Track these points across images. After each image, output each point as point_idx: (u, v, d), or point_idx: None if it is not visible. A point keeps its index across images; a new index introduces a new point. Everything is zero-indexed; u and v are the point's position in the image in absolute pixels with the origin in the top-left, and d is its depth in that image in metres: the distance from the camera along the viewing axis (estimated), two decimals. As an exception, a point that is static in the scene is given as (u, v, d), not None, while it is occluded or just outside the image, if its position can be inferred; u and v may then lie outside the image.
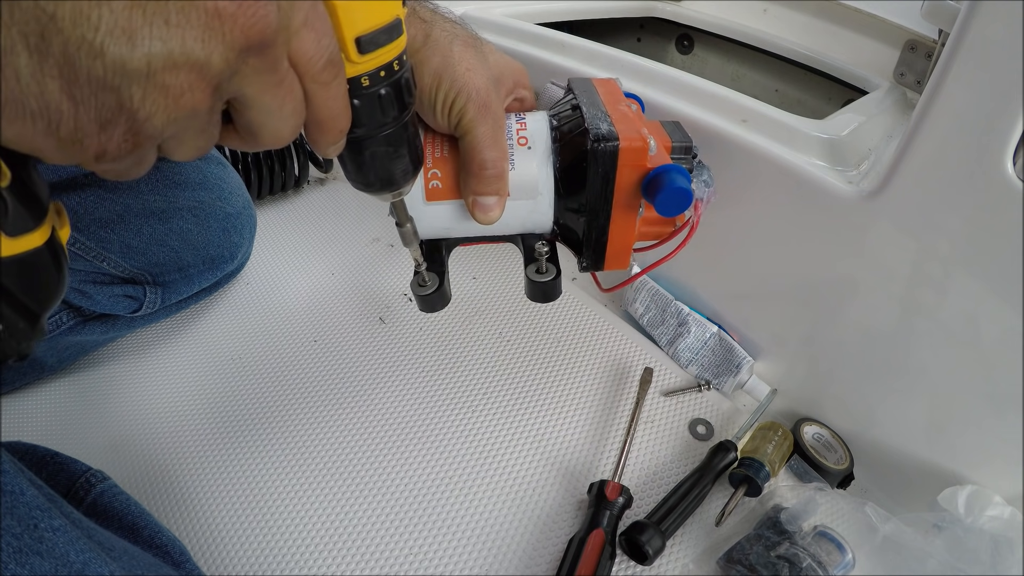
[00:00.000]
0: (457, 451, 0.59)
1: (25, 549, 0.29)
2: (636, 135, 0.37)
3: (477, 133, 0.36)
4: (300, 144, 0.91)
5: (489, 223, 0.39)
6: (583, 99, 0.40)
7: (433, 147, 0.39)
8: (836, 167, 0.54)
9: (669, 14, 1.01)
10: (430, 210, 0.40)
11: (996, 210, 0.43)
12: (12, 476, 0.30)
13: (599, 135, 0.36)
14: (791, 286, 0.60)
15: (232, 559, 0.51)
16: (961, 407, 0.51)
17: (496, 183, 0.37)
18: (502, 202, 0.38)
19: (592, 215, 0.39)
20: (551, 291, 0.42)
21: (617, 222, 0.40)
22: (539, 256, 0.41)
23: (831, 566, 0.48)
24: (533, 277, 0.42)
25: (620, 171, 0.37)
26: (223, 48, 0.20)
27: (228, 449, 0.59)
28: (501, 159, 0.37)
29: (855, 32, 0.84)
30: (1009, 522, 0.48)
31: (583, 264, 0.43)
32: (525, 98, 0.44)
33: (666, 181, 0.36)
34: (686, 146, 0.41)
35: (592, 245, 0.41)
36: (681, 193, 0.36)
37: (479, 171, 0.37)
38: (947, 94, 0.43)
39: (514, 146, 0.39)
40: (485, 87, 0.36)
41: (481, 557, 0.52)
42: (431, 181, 0.39)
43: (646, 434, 0.61)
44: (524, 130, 0.40)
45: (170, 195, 0.61)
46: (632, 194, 0.38)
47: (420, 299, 0.42)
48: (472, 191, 0.38)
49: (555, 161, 0.40)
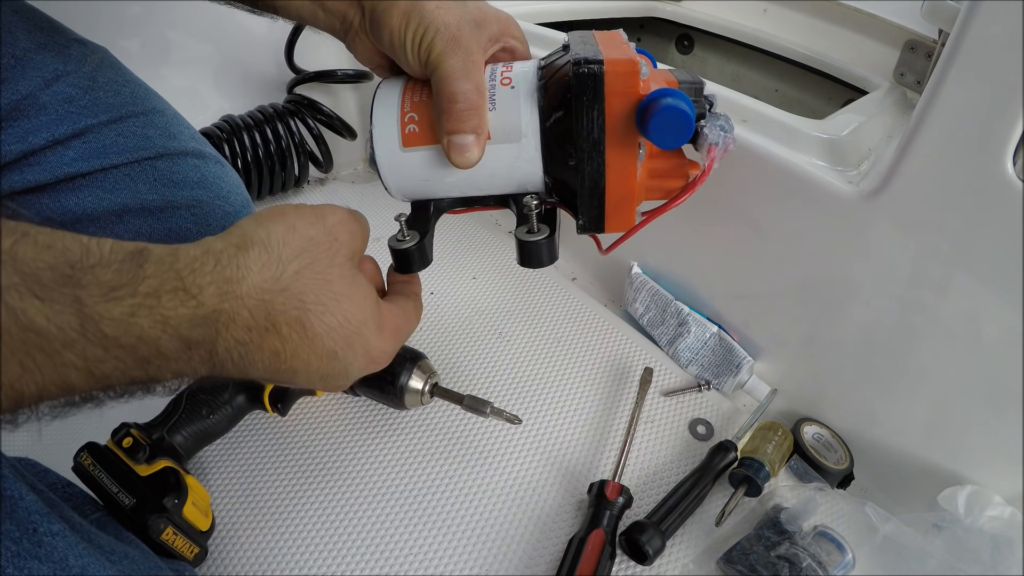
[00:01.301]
0: (457, 451, 0.59)
1: (24, 553, 0.29)
2: (624, 57, 0.33)
3: (446, 66, 0.35)
4: (300, 144, 0.91)
5: (466, 166, 0.36)
6: (575, 40, 0.37)
7: (412, 92, 0.37)
8: (836, 167, 0.54)
9: (669, 14, 1.01)
10: (407, 157, 0.37)
11: (996, 210, 0.43)
12: (11, 481, 0.30)
13: (581, 59, 0.33)
14: (791, 286, 0.60)
15: (232, 559, 0.51)
16: (961, 407, 0.51)
17: (470, 118, 0.35)
18: (480, 142, 0.35)
19: (584, 158, 0.35)
20: (541, 253, 0.37)
21: (614, 165, 0.35)
22: (529, 212, 0.37)
23: (831, 566, 0.48)
24: (523, 237, 0.37)
25: (609, 99, 0.33)
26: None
27: (228, 449, 0.59)
28: (473, 92, 0.35)
29: (855, 32, 0.84)
30: (1009, 522, 0.48)
31: (581, 223, 0.38)
32: (516, 49, 0.42)
33: (660, 104, 0.32)
34: (696, 87, 0.37)
35: (588, 197, 0.36)
36: (678, 115, 0.31)
37: (449, 105, 0.34)
38: (947, 94, 0.43)
39: (496, 86, 0.36)
40: (455, 22, 0.35)
41: (481, 557, 0.52)
42: (407, 125, 0.37)
43: (646, 434, 0.61)
44: (509, 72, 0.37)
45: (168, 194, 0.61)
46: (626, 128, 0.34)
47: (394, 254, 0.39)
48: (445, 130, 0.35)
49: (540, 100, 0.36)
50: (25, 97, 0.50)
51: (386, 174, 0.39)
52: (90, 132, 0.56)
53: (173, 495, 0.46)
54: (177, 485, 0.47)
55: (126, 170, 0.58)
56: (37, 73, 0.51)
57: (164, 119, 0.62)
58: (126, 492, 0.45)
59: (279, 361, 0.30)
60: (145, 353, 0.26)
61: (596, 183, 0.36)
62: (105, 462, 0.46)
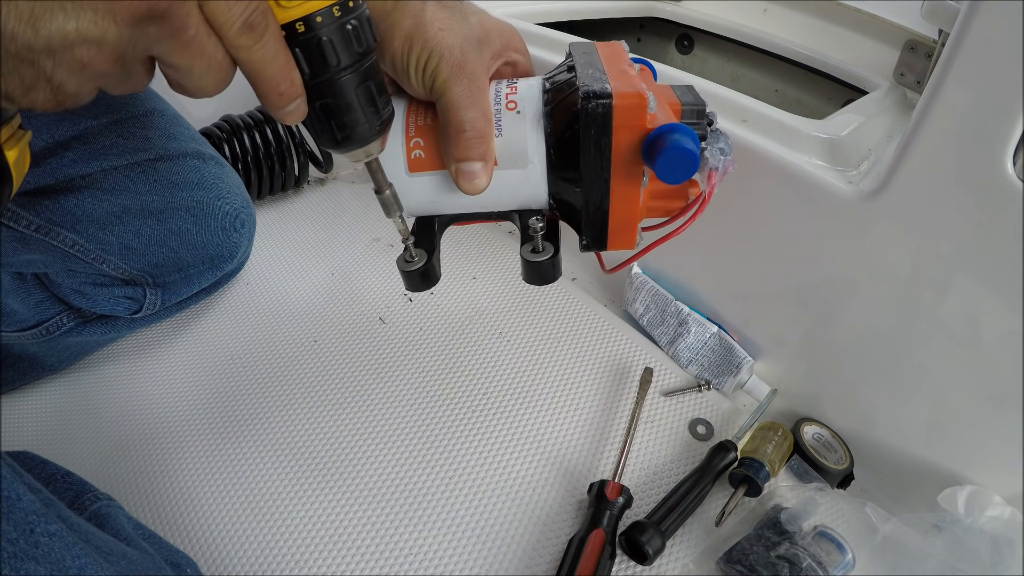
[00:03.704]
0: (457, 451, 0.59)
1: (20, 554, 0.29)
2: (632, 91, 0.33)
3: (452, 94, 0.34)
4: (300, 144, 0.91)
5: (475, 192, 0.36)
6: (580, 60, 0.37)
7: (416, 115, 0.37)
8: (836, 167, 0.54)
9: (669, 14, 1.01)
10: (413, 182, 0.37)
11: (996, 210, 0.43)
12: (9, 481, 0.30)
13: (590, 93, 0.33)
14: (791, 286, 0.60)
15: (232, 559, 0.51)
16: (961, 407, 0.51)
17: (478, 147, 0.35)
18: (488, 169, 0.36)
19: (589, 185, 0.35)
20: (547, 272, 0.38)
21: (618, 193, 0.36)
22: (534, 233, 0.37)
23: (831, 566, 0.48)
24: (528, 257, 0.38)
25: (616, 133, 0.34)
26: (115, 25, 0.23)
27: (228, 449, 0.59)
28: (480, 120, 0.35)
29: (855, 32, 0.84)
30: (1009, 522, 0.48)
31: (584, 243, 0.39)
32: (518, 62, 0.41)
33: (668, 142, 0.32)
34: (698, 109, 0.37)
35: (591, 220, 0.37)
36: (684, 154, 0.31)
37: (456, 134, 0.34)
38: (947, 94, 0.43)
39: (502, 111, 0.36)
40: (460, 46, 0.35)
41: (481, 557, 0.52)
42: (413, 151, 0.37)
43: (646, 434, 0.61)
44: (514, 94, 0.37)
45: (168, 195, 0.61)
46: (632, 160, 0.34)
47: (405, 276, 0.39)
48: (453, 157, 0.35)
49: (546, 125, 0.36)
50: (25, 98, 0.50)
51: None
52: (90, 133, 0.56)
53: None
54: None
55: (126, 171, 0.58)
56: None
57: (164, 120, 0.62)
58: None
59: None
60: None
61: (600, 207, 0.36)
62: None
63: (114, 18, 0.23)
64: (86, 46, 0.23)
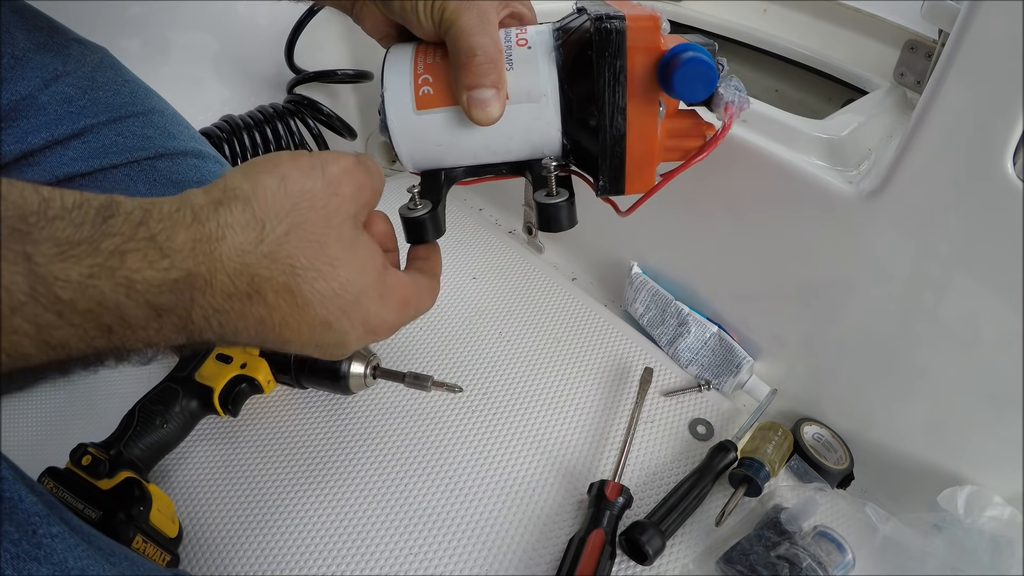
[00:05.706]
0: (457, 451, 0.59)
1: (23, 555, 0.28)
2: (644, 13, 0.33)
3: (462, 22, 0.34)
4: (300, 144, 0.91)
5: (487, 122, 0.35)
6: (591, 5, 0.37)
7: (424, 55, 0.37)
8: (836, 167, 0.54)
9: (669, 14, 1.00)
10: (421, 121, 0.37)
11: (996, 210, 0.43)
12: (11, 483, 0.30)
13: (602, 15, 0.33)
14: (791, 286, 0.60)
15: (232, 559, 0.51)
16: (961, 407, 0.51)
17: (490, 72, 0.34)
18: (500, 97, 0.35)
19: (605, 116, 0.35)
20: (562, 216, 0.37)
21: (635, 123, 0.35)
22: (547, 174, 0.36)
23: (831, 566, 0.48)
24: (543, 200, 0.37)
25: (631, 55, 0.33)
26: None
27: (227, 448, 0.59)
28: (491, 46, 0.34)
29: (855, 32, 0.84)
30: (1009, 522, 0.48)
31: (602, 184, 0.38)
32: (523, 14, 0.41)
33: (684, 58, 0.31)
34: (709, 47, 0.37)
35: (609, 156, 0.36)
36: (702, 66, 0.31)
37: (467, 59, 0.34)
38: (947, 94, 0.43)
39: (512, 47, 0.36)
40: None
41: (481, 557, 0.52)
42: (421, 87, 0.36)
43: (646, 434, 0.61)
44: (523, 34, 0.37)
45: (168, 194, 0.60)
46: (647, 84, 0.34)
47: (407, 222, 0.37)
48: (464, 85, 0.34)
49: (558, 58, 0.36)
50: (24, 97, 0.50)
51: (399, 139, 0.38)
52: (89, 132, 0.56)
53: (138, 504, 0.46)
54: (141, 494, 0.47)
55: (126, 170, 0.58)
56: (36, 73, 0.51)
57: (164, 119, 0.62)
58: (91, 507, 0.44)
59: (266, 330, 0.28)
60: (107, 320, 0.23)
61: (617, 142, 0.36)
62: (67, 483, 0.46)
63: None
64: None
